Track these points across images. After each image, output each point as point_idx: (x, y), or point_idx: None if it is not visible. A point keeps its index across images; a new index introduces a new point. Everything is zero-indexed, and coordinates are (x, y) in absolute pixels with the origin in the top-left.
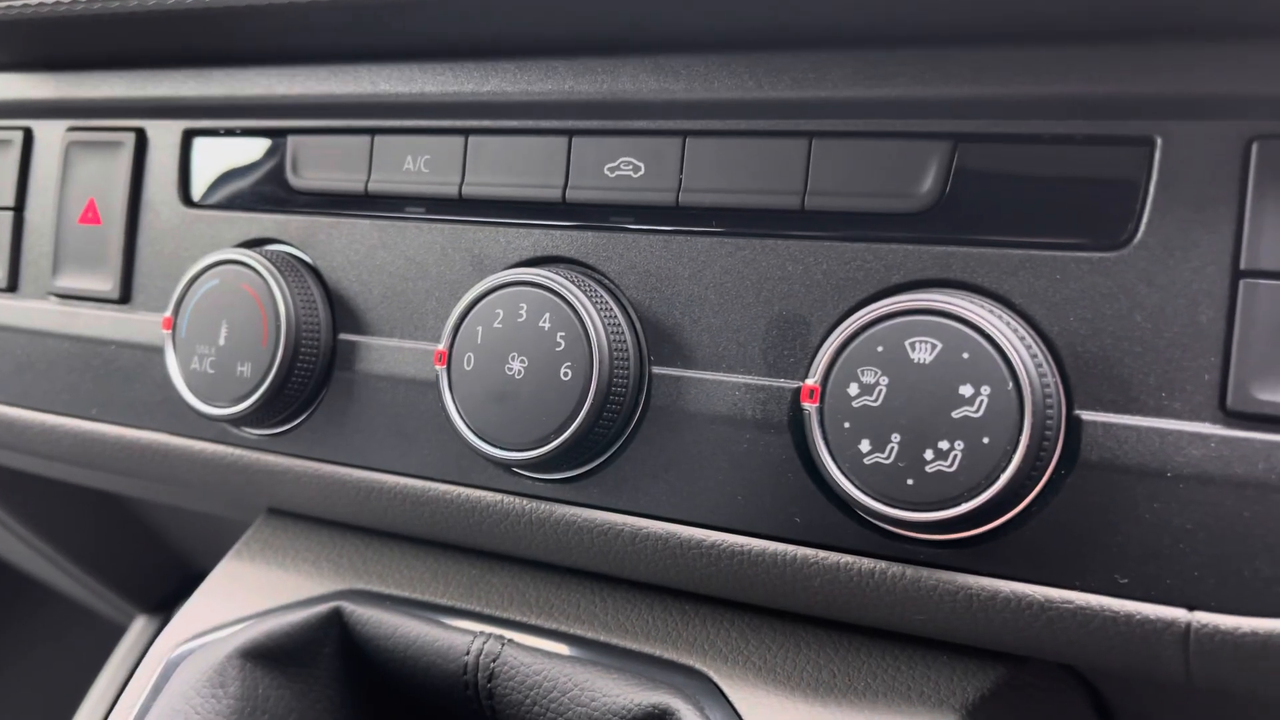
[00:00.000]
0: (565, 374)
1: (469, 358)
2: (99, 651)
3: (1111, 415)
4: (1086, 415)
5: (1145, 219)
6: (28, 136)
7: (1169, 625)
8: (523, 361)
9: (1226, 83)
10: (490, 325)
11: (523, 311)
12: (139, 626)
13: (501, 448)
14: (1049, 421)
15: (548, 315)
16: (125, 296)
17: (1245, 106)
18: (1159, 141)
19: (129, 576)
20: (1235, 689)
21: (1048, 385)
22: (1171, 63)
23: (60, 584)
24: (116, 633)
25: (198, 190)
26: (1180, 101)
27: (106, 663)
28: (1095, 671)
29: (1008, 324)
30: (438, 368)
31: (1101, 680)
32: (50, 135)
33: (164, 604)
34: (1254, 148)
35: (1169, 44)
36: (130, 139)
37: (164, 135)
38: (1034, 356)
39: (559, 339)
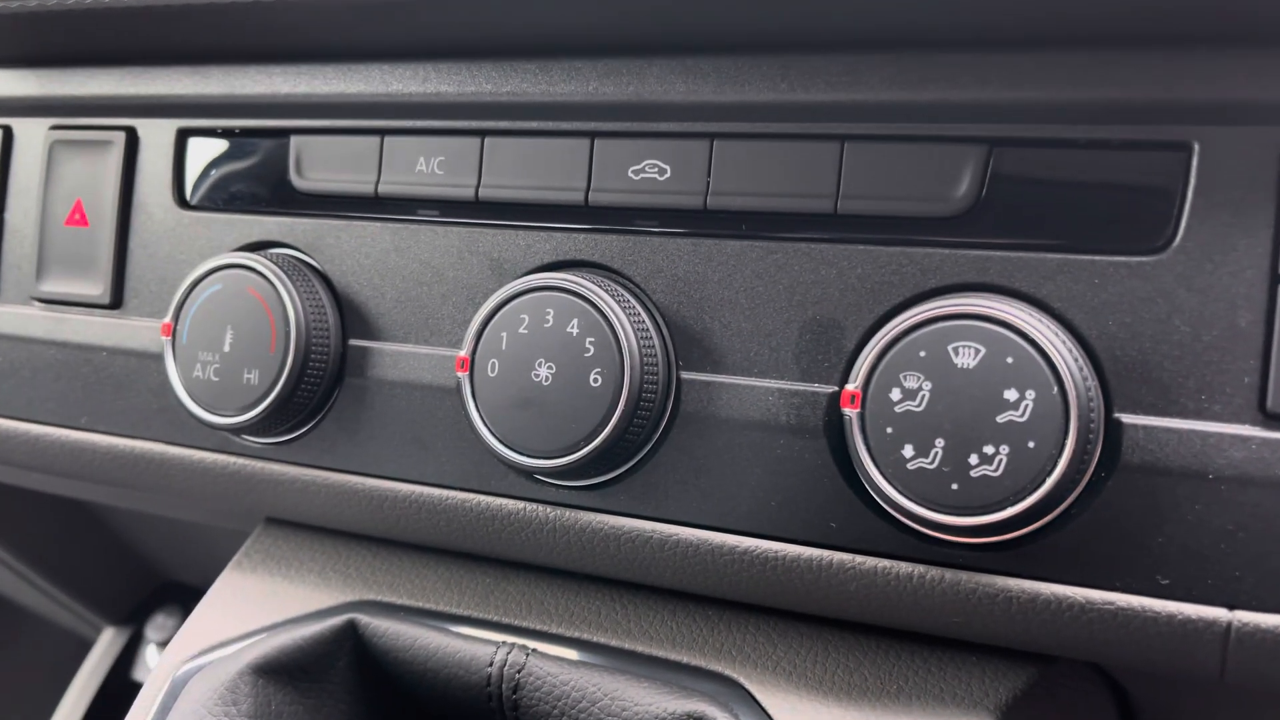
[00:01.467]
0: (595, 380)
1: (493, 364)
2: (67, 664)
3: (1151, 418)
4: (1126, 418)
5: (1184, 223)
6: (7, 135)
7: (1209, 625)
8: (550, 368)
9: (1263, 89)
10: (515, 331)
11: (549, 317)
12: (107, 638)
13: (528, 455)
14: (1091, 425)
15: (576, 321)
16: (117, 301)
17: None
18: (1196, 147)
19: (96, 587)
20: (1268, 685)
21: (1090, 389)
22: (1208, 69)
23: (23, 595)
24: (83, 645)
25: (193, 191)
26: (1217, 107)
27: (75, 676)
28: (1124, 670)
29: (1049, 328)
30: (460, 374)
31: (1128, 678)
32: (31, 134)
33: (133, 615)
34: None
35: (1205, 50)
36: (120, 138)
37: (156, 135)
38: (1076, 360)
39: (588, 345)
